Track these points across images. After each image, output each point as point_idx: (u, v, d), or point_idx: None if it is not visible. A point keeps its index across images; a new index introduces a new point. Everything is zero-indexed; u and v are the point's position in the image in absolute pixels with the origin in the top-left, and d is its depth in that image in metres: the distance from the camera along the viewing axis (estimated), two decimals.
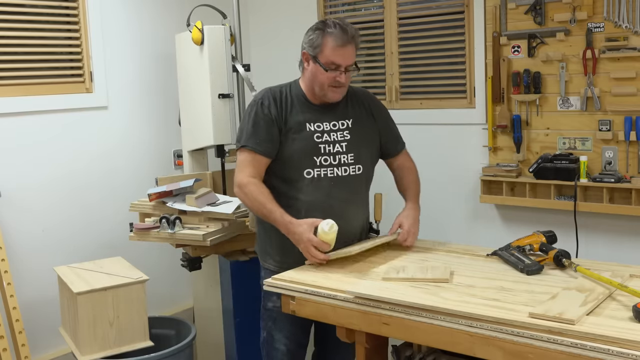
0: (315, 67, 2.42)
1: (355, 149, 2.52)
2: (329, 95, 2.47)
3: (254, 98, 2.52)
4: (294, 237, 2.34)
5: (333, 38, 2.39)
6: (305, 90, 2.50)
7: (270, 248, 2.52)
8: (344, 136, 2.51)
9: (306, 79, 2.49)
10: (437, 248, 2.59)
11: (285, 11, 3.91)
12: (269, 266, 2.52)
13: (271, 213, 2.37)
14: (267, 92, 2.50)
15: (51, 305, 3.19)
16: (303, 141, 2.45)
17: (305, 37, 2.45)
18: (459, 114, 3.29)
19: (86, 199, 3.44)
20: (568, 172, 2.86)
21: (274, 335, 2.53)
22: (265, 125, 2.43)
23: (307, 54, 2.44)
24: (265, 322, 2.57)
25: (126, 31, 3.59)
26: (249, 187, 2.40)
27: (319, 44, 2.40)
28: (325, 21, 2.45)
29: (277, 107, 2.46)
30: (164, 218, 2.95)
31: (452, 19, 3.32)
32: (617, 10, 2.75)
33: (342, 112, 2.54)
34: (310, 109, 2.49)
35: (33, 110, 3.23)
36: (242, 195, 2.44)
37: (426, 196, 3.43)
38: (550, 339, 1.73)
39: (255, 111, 2.45)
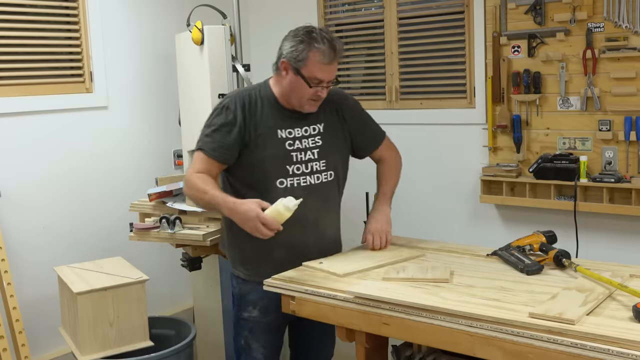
0: (296, 79, 2.33)
1: (326, 156, 2.48)
2: (306, 108, 2.41)
3: (221, 101, 2.45)
4: (239, 216, 2.23)
5: (320, 54, 2.30)
6: (277, 94, 2.43)
7: (242, 256, 2.48)
8: (316, 142, 2.46)
9: (282, 87, 2.40)
10: (437, 248, 2.59)
11: (285, 11, 3.91)
12: (240, 274, 2.49)
13: (213, 198, 2.29)
14: (236, 96, 2.42)
15: (51, 305, 3.18)
16: (274, 149, 2.39)
17: (287, 45, 2.34)
18: (459, 114, 3.29)
19: (86, 199, 3.44)
20: (568, 172, 2.86)
21: (251, 344, 2.50)
22: (226, 131, 2.36)
23: (287, 64, 2.34)
24: (240, 330, 2.52)
25: (126, 31, 3.59)
26: (192, 178, 2.35)
27: (304, 57, 2.30)
28: (310, 32, 2.33)
29: (246, 112, 2.38)
30: (164, 218, 2.95)
31: (452, 19, 3.32)
32: (617, 10, 2.75)
33: (313, 116, 2.46)
34: (281, 114, 2.42)
35: (33, 110, 3.23)
36: (186, 188, 2.40)
37: (426, 196, 3.45)
38: (550, 339, 1.73)
39: (218, 115, 2.39)
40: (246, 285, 2.48)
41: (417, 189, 3.46)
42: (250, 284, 2.46)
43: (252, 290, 2.45)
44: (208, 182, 2.33)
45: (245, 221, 2.22)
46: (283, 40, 2.38)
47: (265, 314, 2.48)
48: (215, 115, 2.41)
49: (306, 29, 2.35)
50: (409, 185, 3.48)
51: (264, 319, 2.49)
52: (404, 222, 3.42)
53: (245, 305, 2.49)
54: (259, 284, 2.40)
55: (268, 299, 2.43)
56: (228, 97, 2.44)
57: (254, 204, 2.22)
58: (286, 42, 2.36)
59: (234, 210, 2.25)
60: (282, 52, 2.36)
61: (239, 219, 2.24)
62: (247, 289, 2.48)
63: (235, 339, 2.57)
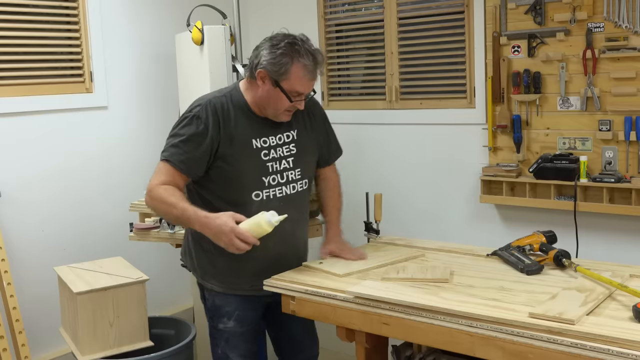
0: (274, 91, 2.23)
1: (301, 164, 2.40)
2: (281, 118, 2.32)
3: (190, 108, 2.29)
4: (213, 231, 2.13)
5: (303, 68, 2.21)
6: (250, 102, 2.31)
7: (214, 271, 2.40)
8: (290, 150, 2.37)
9: (256, 96, 2.29)
10: (437, 248, 2.59)
11: (285, 11, 3.91)
12: (213, 287, 2.41)
13: (184, 212, 2.16)
14: (206, 104, 2.26)
15: (51, 305, 3.18)
16: (250, 160, 2.29)
17: (265, 55, 2.21)
18: (459, 114, 3.29)
19: (86, 199, 3.44)
20: (568, 172, 2.85)
21: (229, 354, 2.44)
22: (197, 143, 2.23)
23: (265, 74, 2.22)
24: (217, 341, 2.47)
25: (126, 31, 3.59)
26: (158, 190, 2.21)
27: (286, 70, 2.19)
28: (293, 45, 2.21)
29: (218, 122, 2.24)
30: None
31: (452, 19, 3.32)
32: (617, 10, 2.75)
33: (286, 123, 2.37)
34: (254, 122, 2.31)
35: (33, 110, 3.23)
36: (149, 200, 2.24)
37: (426, 196, 3.45)
38: (550, 339, 1.73)
39: (187, 124, 2.24)
40: (221, 297, 2.41)
41: (417, 189, 3.47)
42: (226, 296, 2.40)
43: (228, 302, 2.40)
44: (176, 194, 2.21)
45: (219, 235, 2.12)
46: (259, 48, 2.25)
47: (241, 324, 2.43)
48: (185, 124, 2.26)
49: (287, 39, 2.22)
50: (409, 185, 3.49)
51: (240, 329, 2.43)
52: (404, 222, 3.43)
53: (220, 316, 2.42)
54: (235, 296, 2.39)
55: (243, 309, 2.41)
56: (198, 104, 2.28)
57: (227, 217, 2.12)
58: (264, 50, 2.23)
59: (206, 224, 2.14)
60: (260, 61, 2.22)
61: (213, 233, 2.14)
62: (222, 301, 2.41)
63: (213, 349, 2.51)
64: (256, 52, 2.27)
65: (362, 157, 3.63)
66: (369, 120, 3.60)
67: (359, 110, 3.67)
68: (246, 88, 2.33)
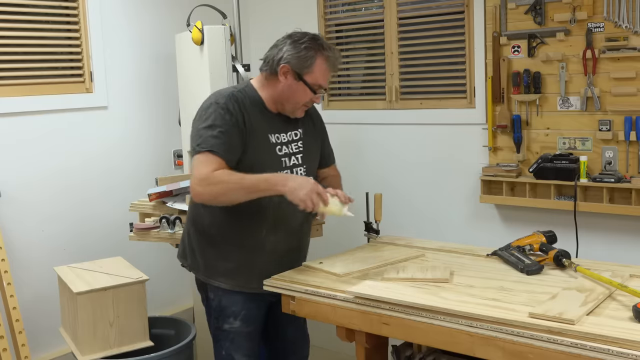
0: (297, 85, 2.30)
1: (307, 161, 2.46)
2: (297, 113, 2.39)
3: (215, 100, 2.30)
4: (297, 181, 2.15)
5: (327, 61, 2.31)
6: (265, 98, 2.36)
7: (224, 267, 2.39)
8: (299, 147, 2.44)
9: (275, 91, 2.34)
10: (437, 248, 2.59)
11: (285, 11, 3.91)
12: (220, 284, 2.41)
13: (259, 179, 2.17)
14: (230, 96, 2.30)
15: (51, 305, 3.19)
16: (266, 154, 2.34)
17: (290, 50, 2.28)
18: (459, 114, 3.29)
19: (86, 199, 3.44)
20: (568, 172, 2.85)
21: (234, 355, 2.44)
22: (233, 132, 2.25)
23: (289, 68, 2.29)
24: (221, 342, 2.46)
25: (126, 31, 3.59)
26: (215, 175, 2.18)
27: (311, 64, 2.28)
28: (316, 39, 2.31)
29: (243, 114, 2.29)
30: (164, 218, 2.95)
31: (452, 19, 3.32)
32: (617, 10, 2.75)
33: (294, 121, 2.44)
34: (269, 118, 2.37)
35: (33, 110, 3.23)
36: (207, 186, 2.18)
37: (426, 196, 3.45)
38: (550, 339, 1.73)
39: (219, 115, 2.25)
40: (228, 296, 2.41)
41: (417, 189, 3.47)
42: (233, 295, 2.40)
43: (235, 301, 2.40)
44: (234, 173, 2.20)
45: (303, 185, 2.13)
46: (279, 45, 2.32)
47: (247, 324, 2.44)
48: (217, 115, 2.26)
49: (308, 35, 2.32)
50: (409, 185, 3.50)
51: (245, 329, 2.44)
52: (404, 222, 3.43)
53: (226, 317, 2.42)
54: (242, 294, 2.40)
55: (249, 308, 2.41)
56: (220, 97, 2.30)
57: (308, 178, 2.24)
58: (286, 46, 2.30)
59: (289, 178, 2.18)
60: (282, 56, 2.29)
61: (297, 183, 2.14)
62: (229, 300, 2.41)
63: (216, 351, 2.50)
64: (275, 49, 2.33)
65: (362, 157, 3.63)
66: (369, 120, 3.60)
67: (359, 110, 3.67)
68: (261, 85, 2.38)
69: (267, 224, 2.36)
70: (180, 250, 2.59)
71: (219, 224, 2.36)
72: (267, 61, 2.35)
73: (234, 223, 2.34)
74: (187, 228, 2.52)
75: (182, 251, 2.56)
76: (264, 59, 2.38)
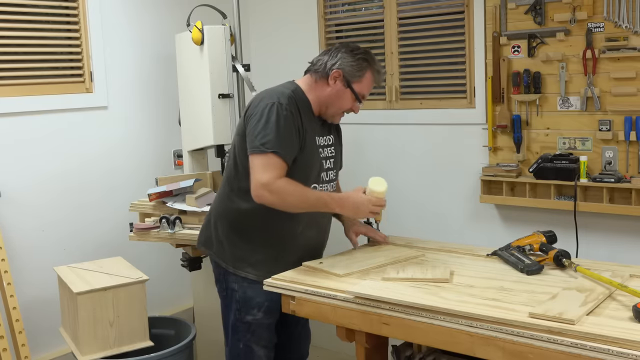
0: (344, 92, 2.41)
1: (336, 166, 2.59)
2: (335, 119, 2.52)
3: (278, 101, 2.32)
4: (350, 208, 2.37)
5: (376, 75, 2.45)
6: (311, 100, 2.44)
7: (254, 258, 2.45)
8: (332, 152, 2.54)
9: (322, 94, 2.43)
10: (437, 248, 2.59)
11: (285, 11, 3.91)
12: (248, 275, 2.45)
13: (319, 199, 2.34)
14: (290, 97, 2.35)
15: (51, 305, 3.19)
16: (312, 155, 2.43)
17: (345, 58, 2.40)
18: (459, 114, 3.29)
19: (86, 199, 3.44)
20: (568, 172, 2.85)
21: (252, 347, 2.48)
22: (293, 134, 2.32)
23: (341, 74, 2.39)
24: (241, 334, 2.49)
25: (126, 31, 3.59)
26: (279, 184, 2.25)
27: (362, 74, 2.41)
28: (369, 53, 2.46)
29: (300, 115, 2.36)
30: (164, 218, 2.95)
31: (452, 19, 3.32)
32: (617, 10, 2.75)
33: (328, 126, 2.54)
34: (314, 121, 2.46)
35: (33, 110, 3.23)
36: (269, 195, 2.26)
37: (426, 196, 3.45)
38: (550, 339, 1.73)
39: (284, 116, 2.30)
40: (253, 287, 2.44)
41: (417, 189, 3.47)
42: (259, 286, 2.40)
43: (260, 292, 2.41)
44: (297, 184, 2.30)
45: (357, 209, 2.38)
46: (334, 52, 2.42)
47: (269, 315, 2.48)
48: (279, 115, 2.29)
49: (363, 48, 2.46)
50: (409, 185, 3.49)
51: (267, 320, 2.48)
52: (404, 222, 3.42)
53: (250, 308, 2.46)
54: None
55: (272, 300, 2.43)
56: (282, 96, 2.34)
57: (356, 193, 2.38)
58: (342, 54, 2.41)
59: (344, 205, 2.38)
60: (336, 62, 2.40)
61: (352, 210, 2.39)
62: (255, 291, 2.44)
63: (233, 344, 2.51)
64: (327, 55, 2.44)
65: (362, 157, 3.63)
66: (369, 120, 3.60)
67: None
68: (309, 87, 2.45)
69: (304, 221, 2.44)
70: (203, 239, 2.61)
71: (258, 218, 2.41)
72: (319, 65, 2.44)
73: (273, 219, 2.39)
74: (214, 219, 2.54)
75: (206, 240, 2.58)
76: (313, 63, 2.47)
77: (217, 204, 2.56)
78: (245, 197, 2.37)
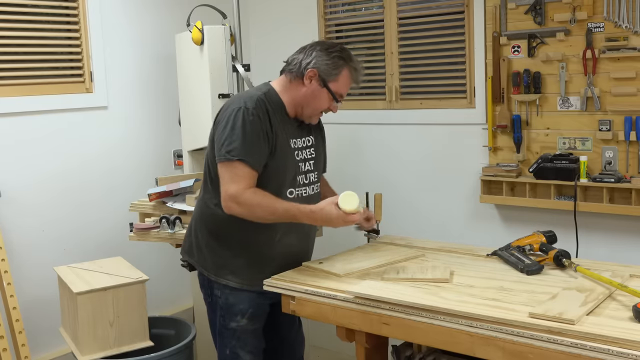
0: (320, 91, 2.34)
1: (317, 167, 2.51)
2: (313, 120, 2.44)
3: (244, 105, 2.27)
4: (321, 221, 2.27)
5: (353, 73, 2.37)
6: (286, 102, 2.37)
7: (234, 265, 2.40)
8: (311, 154, 2.47)
9: (297, 95, 2.36)
10: (437, 248, 2.59)
11: (285, 11, 3.91)
12: (229, 282, 2.41)
13: (287, 211, 2.25)
14: (258, 101, 2.29)
15: (51, 305, 3.19)
16: (288, 159, 2.37)
17: (320, 56, 2.32)
18: (459, 114, 3.29)
19: (86, 199, 3.44)
20: (568, 172, 2.85)
21: (239, 352, 2.46)
22: (261, 139, 2.26)
23: (316, 73, 2.32)
24: (227, 340, 2.47)
25: (126, 31, 3.59)
26: (246, 195, 2.22)
27: (338, 73, 2.33)
28: (345, 50, 2.38)
29: (269, 119, 2.30)
30: (164, 218, 2.95)
31: (452, 19, 3.32)
32: (617, 10, 2.75)
33: (307, 127, 2.48)
34: (288, 123, 2.39)
35: (33, 110, 3.23)
36: (237, 207, 2.24)
37: (426, 196, 3.45)
38: (550, 339, 1.73)
39: (250, 122, 2.25)
40: (235, 294, 2.42)
41: (417, 189, 3.47)
42: (241, 293, 2.40)
43: (242, 299, 2.41)
44: (266, 195, 2.25)
45: (329, 223, 2.25)
46: (309, 51, 2.35)
47: (253, 321, 2.45)
48: (246, 121, 2.25)
49: (338, 45, 2.39)
50: (409, 185, 3.49)
51: (251, 326, 2.45)
52: (403, 222, 3.43)
53: (234, 314, 2.43)
54: (249, 292, 2.40)
55: (256, 306, 2.42)
56: (249, 100, 2.29)
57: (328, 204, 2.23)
58: (316, 52, 2.33)
59: (313, 218, 2.27)
60: (311, 61, 2.32)
61: (323, 222, 2.29)
62: (237, 298, 2.42)
63: (220, 349, 2.51)
64: (302, 54, 2.36)
65: (362, 157, 3.63)
66: (369, 120, 3.60)
67: (359, 110, 3.67)
68: (283, 88, 2.38)
69: (282, 228, 2.39)
70: (186, 246, 2.57)
71: (234, 225, 2.35)
72: (294, 64, 2.36)
73: (250, 226, 2.33)
74: (194, 225, 2.51)
75: (188, 247, 2.54)
76: (288, 62, 2.40)
77: (196, 211, 2.52)
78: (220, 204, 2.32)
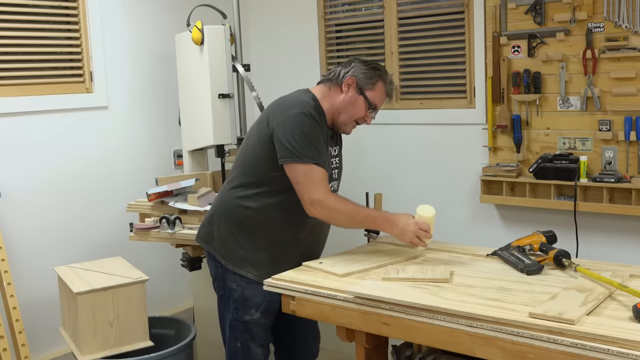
0: (357, 98, 2.44)
1: (339, 177, 2.62)
2: (347, 129, 2.53)
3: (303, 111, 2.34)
4: (398, 229, 2.37)
5: (387, 86, 2.48)
6: (325, 109, 2.46)
7: (254, 259, 2.45)
8: (337, 163, 2.58)
9: (334, 102, 2.46)
10: (437, 248, 2.59)
11: (285, 11, 3.91)
12: (247, 274, 2.46)
13: (368, 216, 2.41)
14: (314, 107, 2.39)
15: (51, 305, 3.19)
16: (327, 165, 2.44)
17: (358, 67, 2.45)
18: (459, 114, 3.29)
19: (86, 199, 3.44)
20: (568, 172, 2.85)
21: (250, 346, 2.50)
22: (322, 143, 2.38)
23: (355, 81, 2.44)
24: (238, 333, 2.50)
25: (126, 31, 3.59)
26: (330, 200, 2.34)
27: (374, 82, 2.45)
28: (380, 65, 2.51)
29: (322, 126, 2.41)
30: (164, 218, 2.95)
31: (452, 19, 3.32)
32: (617, 10, 2.75)
33: (336, 137, 2.59)
34: (326, 131, 2.47)
35: (33, 110, 3.23)
36: (323, 211, 2.34)
37: (426, 196, 3.44)
38: (550, 339, 1.73)
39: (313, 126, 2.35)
40: (252, 286, 2.45)
41: (417, 189, 3.46)
42: (258, 286, 2.42)
43: (258, 292, 2.43)
44: (347, 200, 2.39)
45: (405, 233, 2.36)
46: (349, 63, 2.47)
47: (266, 315, 2.49)
48: (310, 125, 2.35)
49: (375, 62, 2.52)
50: (409, 185, 3.49)
51: (264, 320, 2.50)
52: None
53: (248, 307, 2.47)
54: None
55: (270, 300, 2.45)
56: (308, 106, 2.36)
57: (407, 217, 2.38)
58: (355, 63, 2.46)
59: (393, 224, 2.38)
60: (349, 71, 2.44)
61: (399, 231, 2.38)
62: (253, 291, 2.45)
63: (231, 342, 2.53)
64: (341, 66, 2.49)
65: (362, 157, 3.63)
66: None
67: None
68: (323, 96, 2.47)
69: (309, 228, 2.48)
70: (203, 234, 2.59)
71: (264, 219, 2.43)
72: (333, 75, 2.49)
73: (280, 222, 2.43)
74: (216, 216, 2.53)
75: (206, 235, 2.56)
76: (328, 74, 2.52)
77: (220, 201, 2.55)
78: (255, 197, 2.41)
